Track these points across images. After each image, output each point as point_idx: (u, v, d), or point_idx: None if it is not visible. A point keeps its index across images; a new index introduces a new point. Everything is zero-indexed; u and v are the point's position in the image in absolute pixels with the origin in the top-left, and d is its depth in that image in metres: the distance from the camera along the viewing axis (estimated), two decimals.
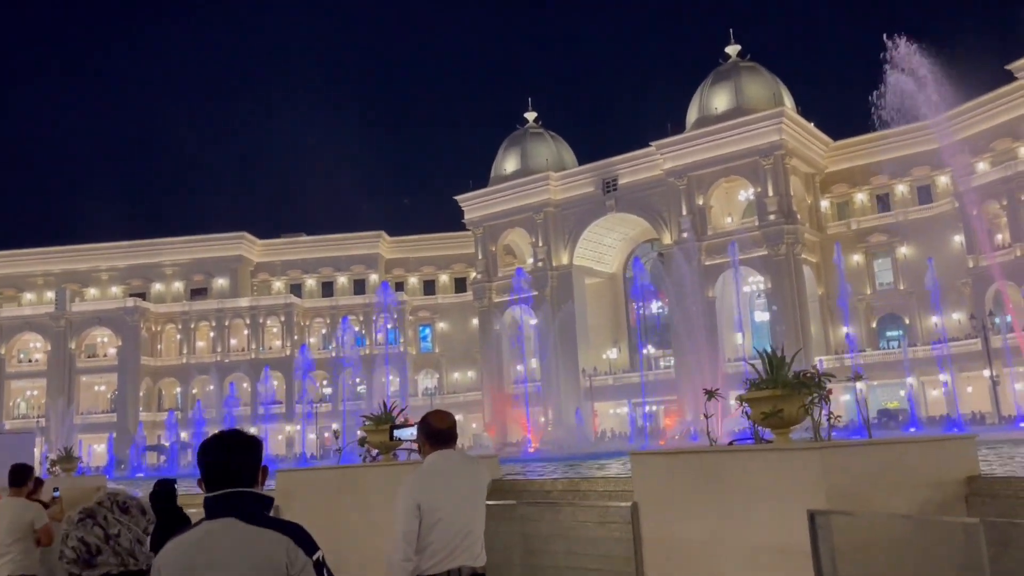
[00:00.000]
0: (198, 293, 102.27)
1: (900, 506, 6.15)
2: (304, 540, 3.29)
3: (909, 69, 52.49)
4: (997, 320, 61.93)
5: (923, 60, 52.84)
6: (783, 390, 6.38)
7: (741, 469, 6.40)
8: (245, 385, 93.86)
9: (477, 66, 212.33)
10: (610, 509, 7.92)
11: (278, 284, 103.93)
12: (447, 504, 5.42)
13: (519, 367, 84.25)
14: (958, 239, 70.15)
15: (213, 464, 3.40)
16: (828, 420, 6.43)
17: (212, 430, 11.63)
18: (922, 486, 6.36)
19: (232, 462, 3.40)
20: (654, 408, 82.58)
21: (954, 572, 5.43)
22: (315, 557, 3.28)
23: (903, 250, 76.44)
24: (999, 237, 66.19)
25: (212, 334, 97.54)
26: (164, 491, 8.35)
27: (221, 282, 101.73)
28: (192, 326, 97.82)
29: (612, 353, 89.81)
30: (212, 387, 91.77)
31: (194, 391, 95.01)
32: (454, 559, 5.39)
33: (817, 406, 6.40)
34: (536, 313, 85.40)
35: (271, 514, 3.44)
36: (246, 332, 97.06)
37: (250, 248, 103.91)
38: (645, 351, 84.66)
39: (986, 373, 58.82)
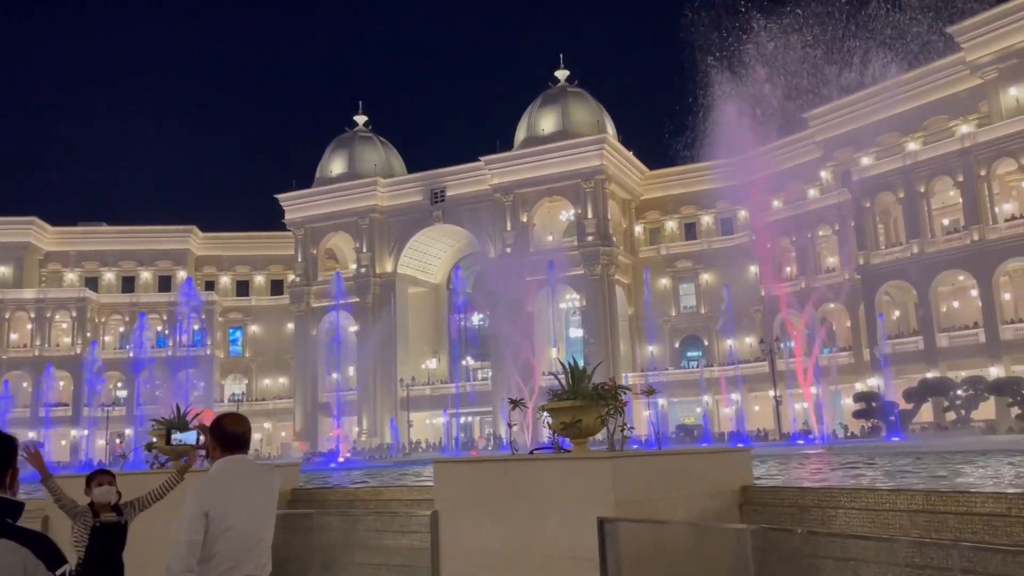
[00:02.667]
0: None
1: (683, 514, 6.50)
2: (47, 552, 2.94)
3: (713, 109, 56.34)
4: (783, 345, 67.87)
5: (727, 101, 56.92)
6: (582, 401, 6.58)
7: (538, 478, 6.53)
8: (25, 385, 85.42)
9: (307, 65, 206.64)
10: (412, 518, 7.85)
11: (71, 276, 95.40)
12: (238, 512, 5.14)
13: (335, 375, 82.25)
14: (754, 269, 76.39)
15: None
16: (623, 431, 6.69)
17: None
18: (703, 495, 6.77)
19: None
20: (470, 419, 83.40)
21: (725, 575, 5.80)
22: (59, 572, 2.93)
23: (705, 277, 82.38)
24: (788, 270, 72.69)
25: None
26: None
27: (3, 270, 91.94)
28: None
29: (431, 363, 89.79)
30: None
31: None
32: (240, 569, 5.12)
33: (612, 418, 6.65)
34: (356, 320, 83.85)
35: (19, 523, 3.06)
36: (30, 327, 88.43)
37: (40, 235, 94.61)
38: (463, 362, 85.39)
39: (771, 394, 64.21)
